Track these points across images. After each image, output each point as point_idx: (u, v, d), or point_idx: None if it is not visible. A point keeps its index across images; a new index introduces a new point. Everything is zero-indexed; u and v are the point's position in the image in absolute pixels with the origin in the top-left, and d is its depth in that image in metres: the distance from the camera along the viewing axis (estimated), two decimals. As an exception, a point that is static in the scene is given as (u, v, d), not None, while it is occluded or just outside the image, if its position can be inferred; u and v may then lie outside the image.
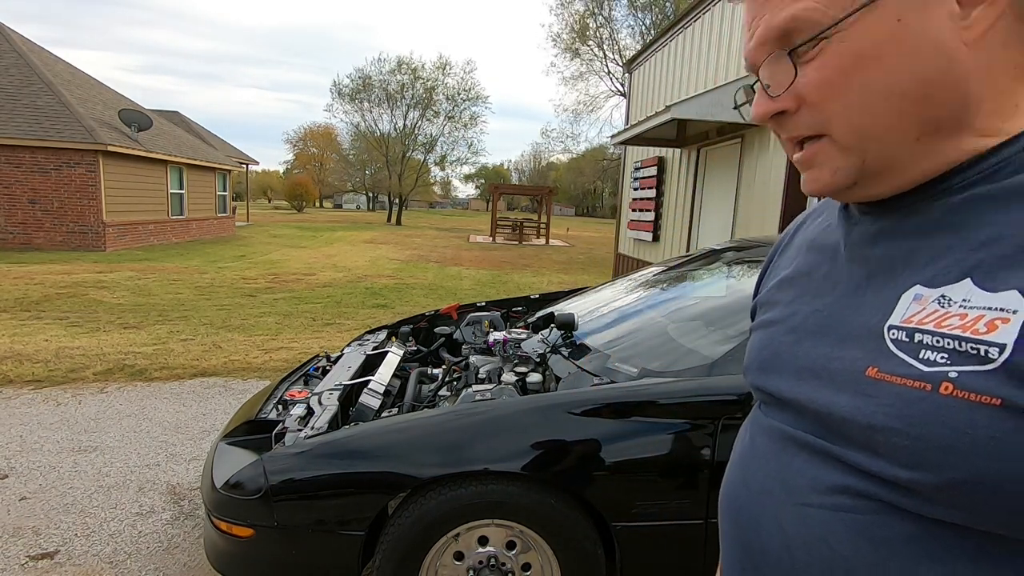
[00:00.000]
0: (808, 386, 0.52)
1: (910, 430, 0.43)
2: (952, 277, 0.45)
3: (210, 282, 9.40)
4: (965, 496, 0.41)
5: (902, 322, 0.46)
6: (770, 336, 0.60)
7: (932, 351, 0.43)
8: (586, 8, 27.34)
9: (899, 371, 0.44)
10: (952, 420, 0.41)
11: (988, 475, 0.40)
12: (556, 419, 1.80)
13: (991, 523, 0.41)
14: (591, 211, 78.31)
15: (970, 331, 0.42)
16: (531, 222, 24.63)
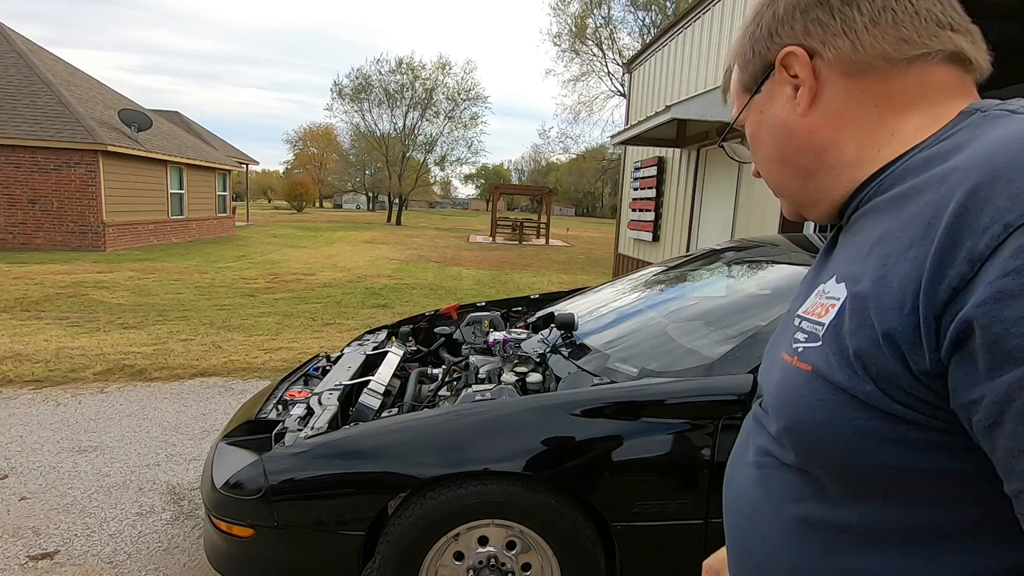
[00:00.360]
0: (765, 375, 0.67)
1: (775, 391, 0.58)
2: (829, 276, 0.57)
3: (210, 282, 9.40)
4: (789, 439, 0.55)
5: (802, 312, 0.59)
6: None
7: (801, 333, 0.57)
8: (584, 8, 27.34)
9: (788, 351, 0.58)
10: (789, 383, 0.56)
11: (796, 422, 0.54)
12: (556, 419, 1.80)
13: (804, 460, 0.55)
14: (591, 211, 78.30)
15: (817, 315, 0.55)
16: (531, 222, 24.62)
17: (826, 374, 0.50)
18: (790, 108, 0.60)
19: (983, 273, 0.40)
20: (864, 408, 0.48)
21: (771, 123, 0.62)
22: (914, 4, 0.54)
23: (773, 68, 0.60)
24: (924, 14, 0.54)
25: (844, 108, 0.57)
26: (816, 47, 0.57)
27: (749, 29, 0.63)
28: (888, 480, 0.49)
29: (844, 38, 0.55)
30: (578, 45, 28.11)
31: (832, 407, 0.50)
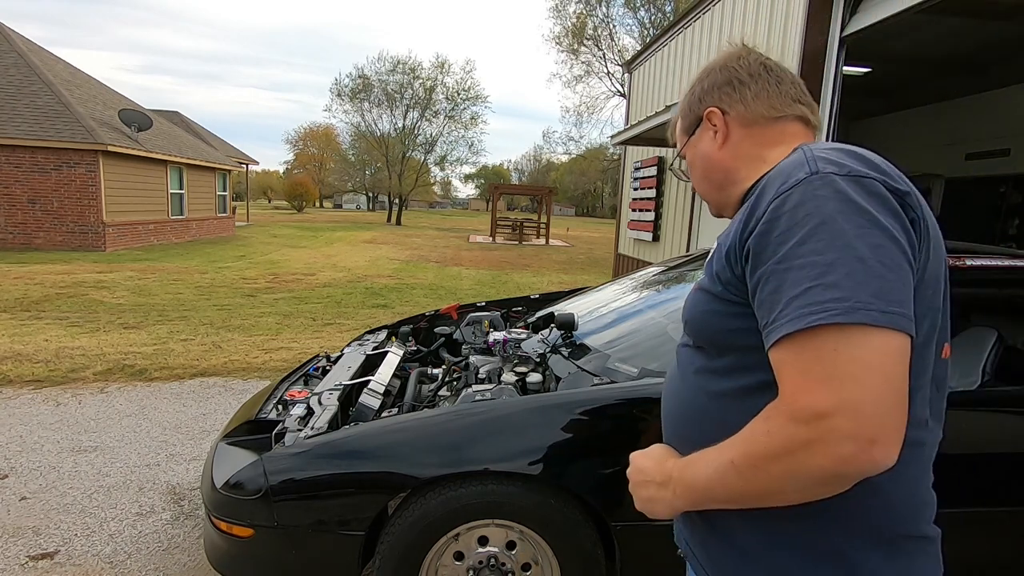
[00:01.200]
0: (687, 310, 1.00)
1: (687, 308, 0.93)
2: (717, 240, 0.90)
3: (210, 282, 9.40)
4: (688, 330, 0.94)
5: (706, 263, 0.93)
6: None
7: (704, 274, 0.90)
8: (584, 9, 27.33)
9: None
10: (691, 299, 0.92)
11: (689, 319, 0.92)
12: (556, 419, 1.80)
13: (698, 340, 0.92)
14: (591, 211, 78.29)
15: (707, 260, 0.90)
16: (531, 222, 24.62)
17: (704, 287, 0.87)
18: (712, 145, 0.96)
19: (758, 222, 0.77)
20: (717, 300, 0.84)
21: (701, 154, 0.99)
22: (780, 88, 0.93)
23: (701, 120, 0.97)
24: (785, 93, 0.93)
25: (740, 145, 0.94)
26: (726, 108, 0.94)
27: (687, 96, 0.99)
28: (726, 338, 0.84)
29: (741, 105, 0.93)
30: (578, 46, 28.10)
31: (704, 304, 0.87)
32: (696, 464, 0.81)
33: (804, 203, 0.73)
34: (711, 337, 0.87)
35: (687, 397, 0.93)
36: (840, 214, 0.70)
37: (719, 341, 0.86)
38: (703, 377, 0.89)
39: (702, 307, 0.87)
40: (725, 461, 0.75)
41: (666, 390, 1.03)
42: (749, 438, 0.73)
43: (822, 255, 0.69)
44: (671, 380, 1.01)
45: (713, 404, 0.87)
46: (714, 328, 0.85)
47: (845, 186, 0.73)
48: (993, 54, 6.38)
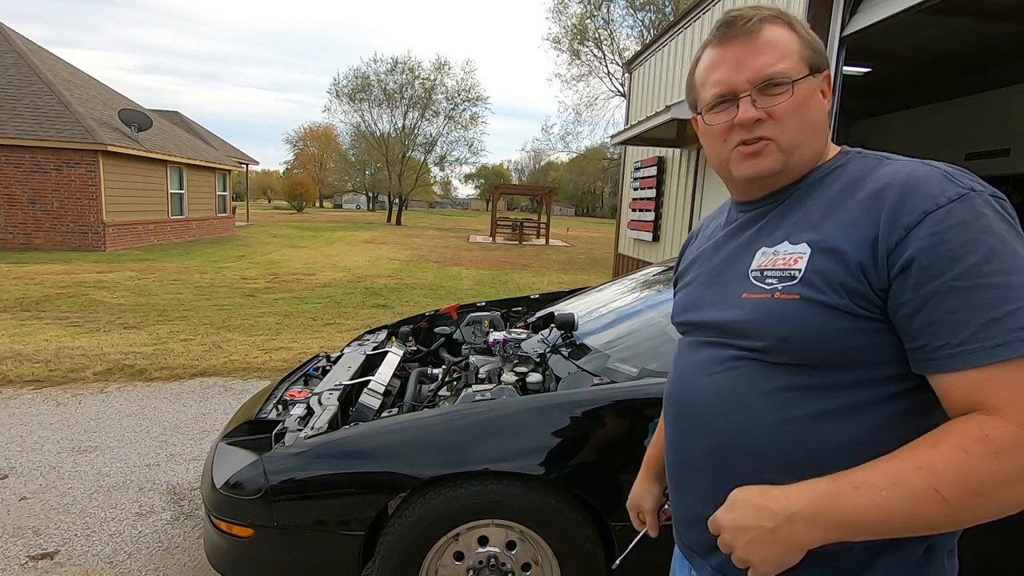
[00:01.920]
0: (711, 311, 0.92)
1: (760, 318, 0.83)
2: (778, 241, 0.86)
3: (210, 282, 9.40)
4: (784, 346, 0.80)
5: (757, 267, 0.87)
6: (688, 291, 1.02)
7: (770, 278, 0.84)
8: (584, 9, 27.33)
9: (756, 291, 0.85)
10: (777, 309, 0.81)
11: (791, 334, 0.79)
12: (556, 419, 1.80)
13: (797, 358, 0.80)
14: (591, 211, 78.29)
15: (787, 265, 0.82)
16: (531, 222, 24.62)
17: (815, 298, 0.78)
18: (821, 101, 0.88)
19: (912, 235, 0.73)
20: (842, 315, 0.77)
21: (815, 99, 0.87)
22: None
23: (821, 72, 0.88)
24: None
25: (826, 121, 0.90)
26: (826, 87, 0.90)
27: (808, 36, 0.89)
28: (850, 354, 0.77)
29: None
30: (578, 46, 28.10)
31: (823, 318, 0.77)
32: (848, 495, 0.71)
33: (973, 220, 0.72)
34: (827, 353, 0.78)
35: (760, 421, 0.82)
36: (1009, 235, 0.72)
37: (837, 357, 0.78)
38: (790, 397, 0.80)
39: (813, 320, 0.77)
40: (920, 489, 0.68)
41: (705, 417, 0.89)
42: (960, 464, 0.67)
43: (1012, 276, 0.69)
44: (718, 406, 0.87)
45: (806, 426, 0.79)
46: (837, 344, 0.77)
47: (998, 206, 0.74)
48: (993, 54, 6.37)
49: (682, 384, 0.96)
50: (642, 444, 1.78)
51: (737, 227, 0.95)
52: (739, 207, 0.97)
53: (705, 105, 0.91)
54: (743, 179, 0.90)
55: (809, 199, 0.86)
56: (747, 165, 0.88)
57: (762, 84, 0.84)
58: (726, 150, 0.89)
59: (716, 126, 0.89)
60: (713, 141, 0.92)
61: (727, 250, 0.95)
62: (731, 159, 0.89)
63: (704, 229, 1.10)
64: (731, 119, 0.86)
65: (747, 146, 0.86)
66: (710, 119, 0.90)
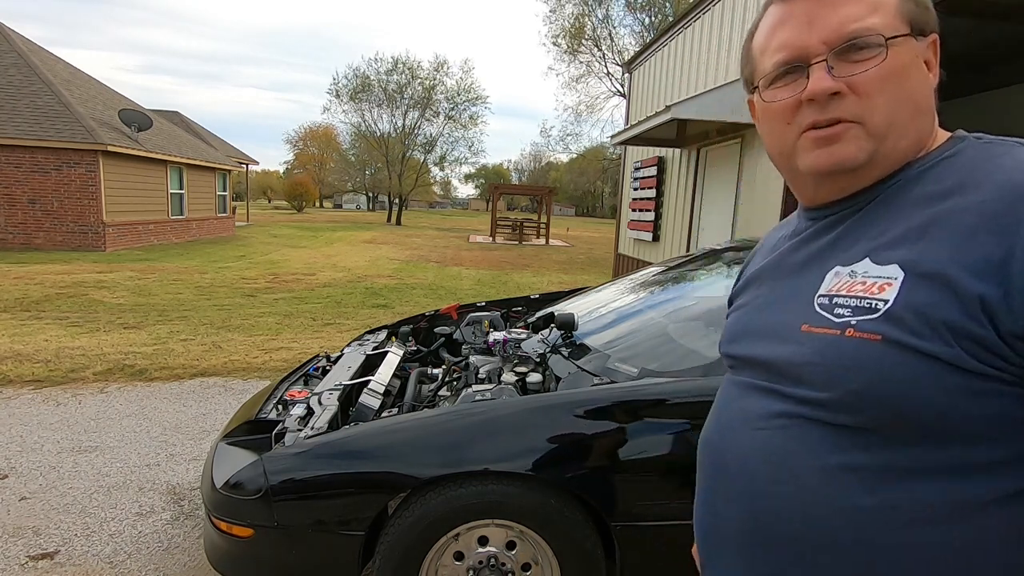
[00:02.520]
0: (762, 344, 0.72)
1: (823, 361, 0.62)
2: (858, 258, 0.65)
3: (210, 282, 9.40)
4: (854, 402, 0.59)
5: (826, 292, 0.66)
6: (739, 316, 0.82)
7: (842, 308, 0.63)
8: (581, 10, 27.32)
9: (820, 324, 0.64)
10: (849, 352, 0.60)
11: (868, 386, 0.58)
12: (556, 419, 1.80)
13: (872, 422, 0.59)
14: (591, 211, 78.28)
15: (868, 292, 0.61)
16: (531, 222, 24.60)
17: (907, 342, 0.56)
18: (926, 72, 0.67)
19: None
20: (946, 368, 0.55)
21: (921, 68, 0.66)
22: None
23: (927, 37, 0.67)
24: None
25: (933, 98, 0.68)
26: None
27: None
28: (954, 425, 0.56)
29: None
30: (576, 47, 28.09)
31: (914, 370, 0.56)
32: None
33: None
34: (919, 421, 0.56)
35: (816, 505, 0.61)
36: None
37: (935, 428, 0.56)
38: (860, 478, 0.59)
39: (900, 372, 0.56)
40: None
41: (744, 484, 0.69)
42: None
43: None
44: (761, 475, 0.67)
45: (882, 519, 0.58)
46: (935, 410, 0.56)
47: None
48: (993, 54, 6.38)
49: (721, 434, 0.76)
50: (641, 443, 1.78)
51: (805, 238, 0.74)
52: (808, 214, 0.75)
53: (764, 78, 0.70)
54: (812, 172, 0.68)
55: (905, 202, 0.64)
56: (818, 154, 0.66)
57: (843, 46, 0.63)
58: (790, 136, 0.68)
59: (779, 102, 0.68)
60: (774, 124, 0.70)
61: (790, 266, 0.74)
62: (797, 148, 0.68)
63: (766, 242, 0.88)
64: (799, 93, 0.65)
65: (820, 129, 0.65)
66: (770, 95, 0.69)
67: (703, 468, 0.79)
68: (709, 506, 0.76)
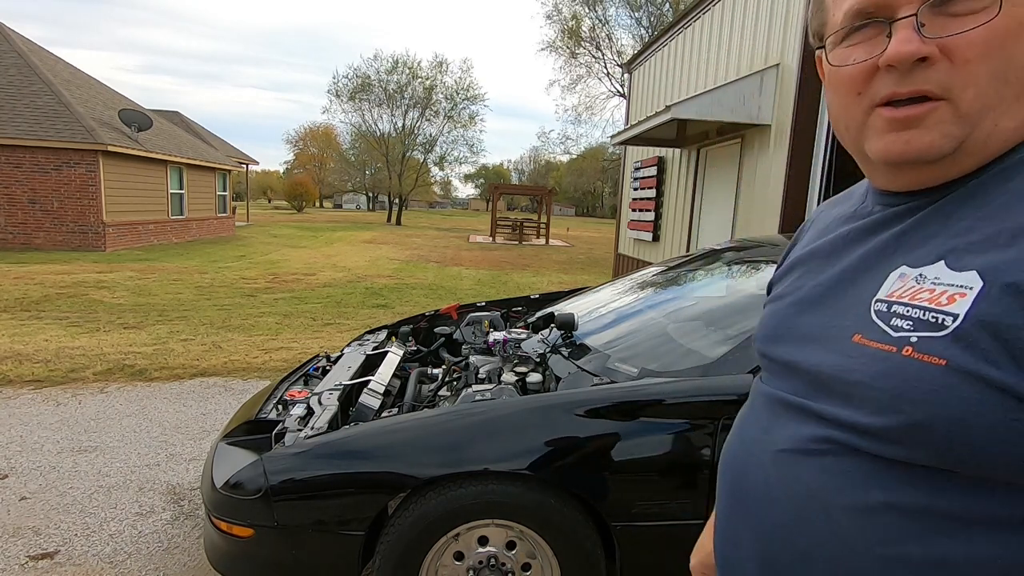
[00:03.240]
0: (805, 350, 0.61)
1: (875, 382, 0.51)
2: (930, 259, 0.53)
3: (210, 282, 9.40)
4: (910, 436, 0.49)
5: (886, 296, 0.55)
6: (780, 309, 0.69)
7: (902, 319, 0.52)
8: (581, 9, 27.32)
9: (875, 337, 0.53)
10: (906, 376, 0.49)
11: (928, 420, 0.48)
12: (556, 419, 1.80)
13: (932, 460, 0.49)
14: (591, 211, 78.30)
15: (935, 303, 0.50)
16: (531, 222, 24.60)
17: (977, 372, 0.46)
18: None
19: None
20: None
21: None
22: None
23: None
24: None
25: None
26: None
27: None
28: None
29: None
30: (576, 47, 28.09)
31: (986, 406, 0.45)
32: None
33: None
34: (996, 460, 0.47)
35: (852, 551, 0.52)
36: None
37: (1009, 463, 0.47)
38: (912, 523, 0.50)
39: (987, 412, 0.46)
40: None
41: (765, 516, 0.60)
42: None
43: None
44: (787, 510, 0.58)
45: (928, 548, 0.49)
46: (1014, 450, 0.46)
47: None
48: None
49: (743, 453, 0.66)
50: (641, 444, 1.79)
51: (870, 225, 0.61)
52: (879, 197, 0.62)
53: (835, 33, 0.56)
54: (882, 161, 0.56)
55: (1001, 197, 0.51)
56: (891, 140, 0.53)
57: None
58: (859, 110, 0.55)
59: (848, 66, 0.54)
60: (840, 93, 0.57)
61: (847, 258, 0.62)
62: (867, 127, 0.55)
63: (819, 219, 0.74)
64: (875, 56, 0.52)
65: (897, 107, 0.52)
66: (839, 55, 0.56)
67: (722, 487, 0.70)
68: (728, 533, 0.67)
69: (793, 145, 5.57)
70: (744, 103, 6.13)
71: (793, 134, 5.57)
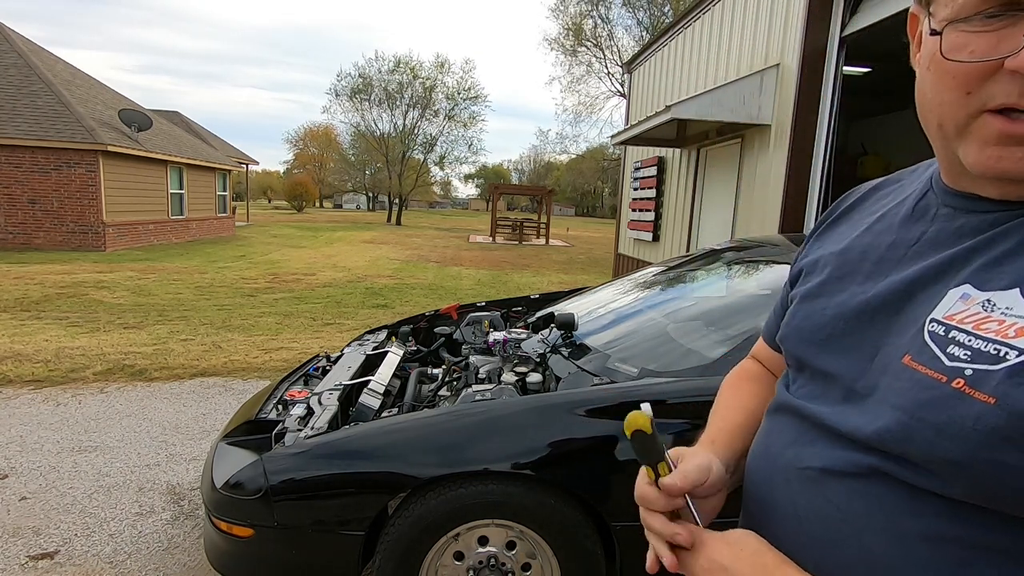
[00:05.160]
0: (845, 360, 0.56)
1: (916, 411, 0.47)
2: (1003, 284, 0.47)
3: (210, 282, 9.40)
4: (947, 471, 0.45)
5: (944, 317, 0.49)
6: (814, 308, 0.62)
7: (960, 348, 0.46)
8: (582, 8, 27.32)
9: (925, 361, 0.48)
10: (951, 411, 0.45)
11: (968, 460, 0.44)
12: (556, 419, 1.80)
13: (965, 494, 0.45)
14: (591, 211, 78.30)
15: (1000, 334, 0.44)
16: (531, 222, 24.60)
17: (1008, 407, 0.42)
18: None
19: None
20: None
21: None
22: None
23: None
24: None
25: None
26: None
27: None
28: None
29: None
30: (577, 46, 28.09)
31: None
32: None
33: None
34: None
35: (891, 556, 0.49)
36: None
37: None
38: (956, 556, 0.47)
39: (1013, 455, 0.43)
40: None
41: (793, 539, 0.56)
42: None
43: None
44: (819, 535, 0.54)
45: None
46: None
47: None
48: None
49: (767, 467, 0.62)
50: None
51: (935, 237, 0.55)
52: (949, 197, 0.55)
53: (952, 7, 0.47)
54: (983, 175, 0.49)
55: None
56: (1000, 155, 0.46)
57: None
58: (963, 110, 0.47)
59: (962, 62, 0.46)
60: (946, 86, 0.48)
61: (903, 270, 0.55)
62: (969, 131, 0.48)
63: (861, 206, 0.67)
64: (1003, 56, 0.44)
65: (1015, 119, 0.45)
66: (954, 41, 0.46)
67: (748, 492, 0.66)
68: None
69: (793, 145, 5.58)
70: (744, 103, 6.13)
71: (793, 134, 5.57)
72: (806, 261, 0.69)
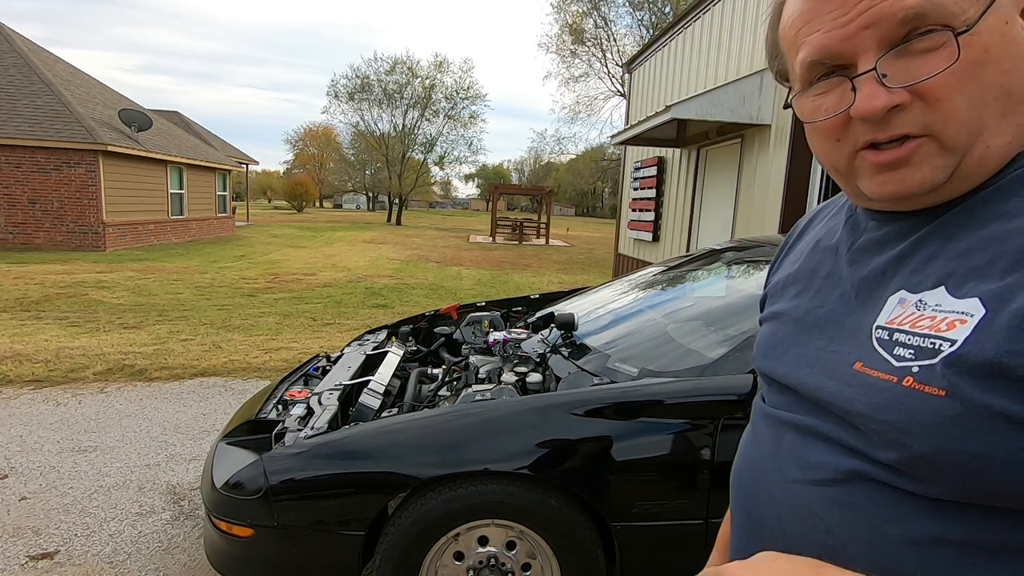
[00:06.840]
0: (803, 372, 0.59)
1: (877, 414, 0.49)
2: (929, 285, 0.51)
3: (210, 282, 9.40)
4: (917, 469, 0.48)
5: (886, 323, 0.53)
6: (776, 329, 0.67)
7: (904, 348, 0.50)
8: (583, 8, 27.32)
9: (876, 366, 0.52)
10: (907, 408, 0.48)
11: (933, 454, 0.46)
12: (556, 419, 1.80)
13: (942, 492, 0.47)
14: (591, 211, 78.32)
15: (935, 329, 0.48)
16: (531, 222, 24.60)
17: (977, 400, 0.44)
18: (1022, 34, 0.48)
19: None
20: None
21: (1019, 44, 0.48)
22: None
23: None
24: None
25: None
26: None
27: None
28: None
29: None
30: (577, 46, 28.09)
31: (994, 437, 0.44)
32: None
33: None
34: (1008, 492, 0.45)
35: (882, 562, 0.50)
36: None
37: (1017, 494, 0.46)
38: (944, 556, 0.47)
39: (991, 444, 0.44)
40: None
41: (785, 545, 0.54)
42: None
43: None
44: (813, 540, 0.55)
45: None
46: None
47: None
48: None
49: (750, 481, 0.64)
50: (641, 444, 1.79)
51: (866, 245, 0.60)
52: (872, 214, 0.61)
53: (798, 80, 0.55)
54: (879, 199, 0.55)
55: (996, 216, 0.50)
56: (883, 181, 0.52)
57: (902, 36, 0.47)
58: (843, 155, 0.54)
59: (820, 122, 0.54)
60: (821, 140, 0.56)
61: (844, 282, 0.60)
62: (856, 169, 0.54)
63: (810, 230, 0.73)
64: (845, 109, 0.51)
65: (881, 151, 0.51)
66: (807, 107, 0.55)
67: (735, 507, 0.67)
68: (743, 555, 0.63)
69: (793, 145, 5.58)
70: (744, 103, 6.13)
71: (793, 134, 5.57)
72: (769, 288, 0.75)
